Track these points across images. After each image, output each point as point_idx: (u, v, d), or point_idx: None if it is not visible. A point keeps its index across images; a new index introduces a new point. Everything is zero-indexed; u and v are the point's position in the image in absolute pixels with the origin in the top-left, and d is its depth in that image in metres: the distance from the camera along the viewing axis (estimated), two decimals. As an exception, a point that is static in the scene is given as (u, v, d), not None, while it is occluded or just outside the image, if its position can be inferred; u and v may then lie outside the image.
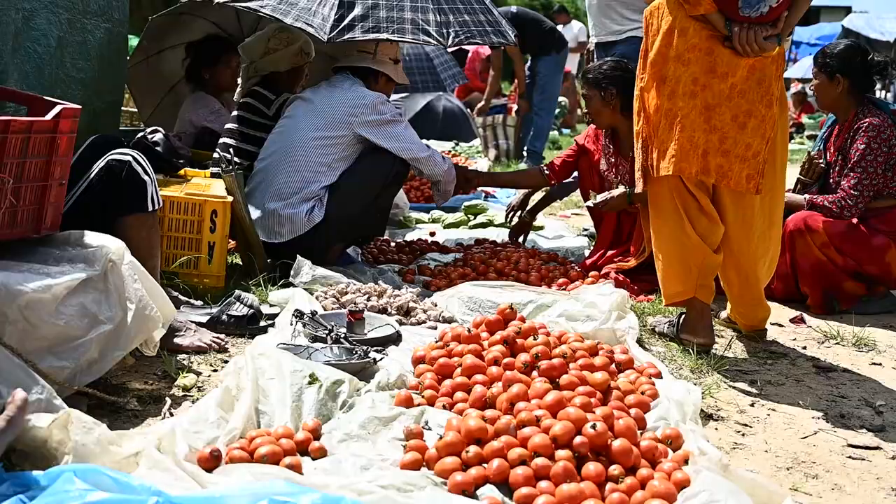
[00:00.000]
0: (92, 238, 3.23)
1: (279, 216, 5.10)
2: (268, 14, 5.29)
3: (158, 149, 4.92)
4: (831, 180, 5.52)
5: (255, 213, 5.12)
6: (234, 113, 5.88)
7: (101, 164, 3.70)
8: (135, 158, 3.72)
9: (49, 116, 3.07)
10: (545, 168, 6.13)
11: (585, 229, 7.33)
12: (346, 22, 5.14)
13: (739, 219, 4.21)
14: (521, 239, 6.35)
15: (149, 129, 4.92)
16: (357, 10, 5.19)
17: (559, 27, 13.83)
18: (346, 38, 5.14)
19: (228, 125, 5.88)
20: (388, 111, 5.27)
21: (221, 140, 5.80)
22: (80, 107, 3.23)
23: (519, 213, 6.46)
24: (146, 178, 3.73)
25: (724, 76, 4.00)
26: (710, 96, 4.01)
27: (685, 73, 4.01)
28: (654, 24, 4.12)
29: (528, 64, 11.69)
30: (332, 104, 5.22)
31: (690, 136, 4.02)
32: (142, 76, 6.68)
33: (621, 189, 5.46)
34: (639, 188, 4.27)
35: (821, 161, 5.60)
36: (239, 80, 6.08)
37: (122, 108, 6.07)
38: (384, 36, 5.16)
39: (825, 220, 5.25)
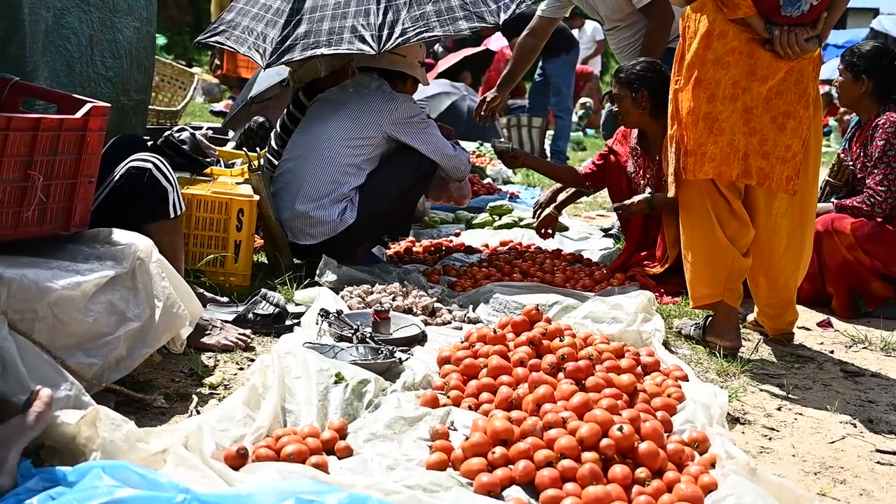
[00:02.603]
0: (120, 236, 3.24)
1: (311, 218, 5.08)
2: (230, 46, 5.43)
3: (185, 147, 4.94)
4: (857, 180, 5.52)
5: (283, 215, 5.12)
6: (281, 121, 5.94)
7: (122, 169, 3.70)
8: (155, 165, 3.71)
9: (79, 114, 3.09)
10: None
11: (604, 229, 7.30)
12: (287, 43, 5.14)
13: (772, 221, 4.19)
14: (548, 231, 6.28)
15: (175, 128, 4.93)
16: (302, 28, 5.17)
17: (574, 31, 13.79)
18: (284, 59, 5.17)
19: (276, 129, 5.94)
20: (417, 112, 5.26)
21: (273, 143, 5.88)
22: (109, 105, 3.24)
23: (546, 210, 6.45)
24: (167, 185, 3.72)
25: (764, 79, 3.98)
26: (749, 99, 4.00)
27: (725, 76, 3.99)
28: (691, 26, 4.09)
29: (540, 64, 11.68)
30: (360, 105, 5.21)
31: (731, 139, 4.01)
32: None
33: (643, 195, 5.44)
34: (671, 192, 4.24)
35: (850, 162, 5.59)
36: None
37: (150, 107, 6.10)
38: (321, 51, 5.08)
39: (853, 221, 5.23)
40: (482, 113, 6.82)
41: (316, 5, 5.20)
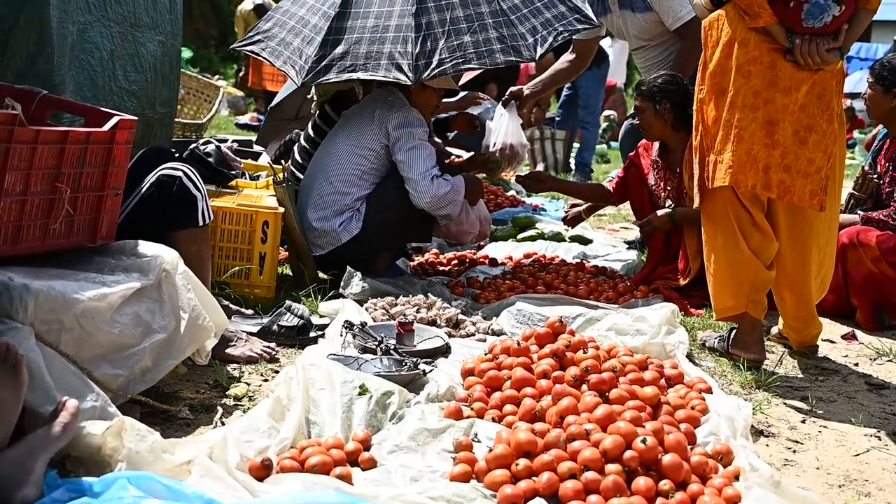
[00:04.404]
0: (146, 248, 3.27)
1: (315, 230, 5.14)
2: (265, 58, 5.42)
3: (210, 160, 4.97)
4: (882, 192, 5.49)
5: (301, 227, 5.16)
6: (305, 131, 5.94)
7: (152, 178, 3.73)
8: (185, 174, 3.75)
9: (106, 127, 3.12)
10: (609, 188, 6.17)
11: (628, 242, 7.28)
12: (324, 63, 5.10)
13: (795, 235, 4.17)
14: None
15: (201, 141, 4.96)
16: (339, 49, 5.13)
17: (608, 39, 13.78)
18: (321, 80, 5.15)
19: (300, 142, 5.95)
20: (408, 127, 5.16)
21: (296, 153, 5.89)
22: (136, 118, 3.27)
23: (577, 209, 6.56)
24: (197, 193, 3.76)
25: (788, 90, 3.97)
26: (774, 111, 3.98)
27: (745, 85, 3.98)
28: (714, 35, 4.09)
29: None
30: (364, 117, 5.23)
31: (749, 148, 3.99)
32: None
33: (664, 210, 5.45)
34: (696, 203, 4.23)
35: (874, 176, 5.56)
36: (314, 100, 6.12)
37: (175, 120, 6.13)
38: (358, 75, 5.04)
39: (878, 234, 5.20)
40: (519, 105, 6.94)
41: (354, 26, 5.18)
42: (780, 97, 3.97)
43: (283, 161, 6.02)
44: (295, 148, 6.03)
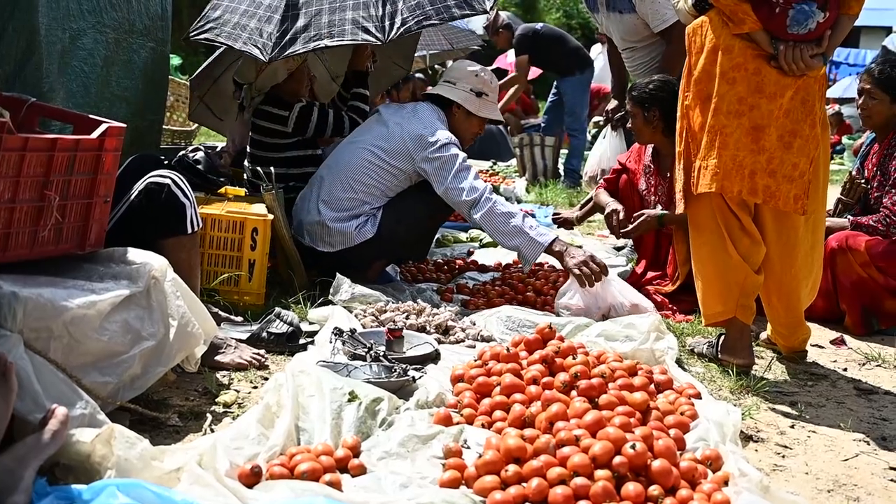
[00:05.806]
0: (135, 255, 3.26)
1: (328, 228, 5.14)
2: (222, 42, 5.44)
3: (200, 167, 4.97)
4: (871, 197, 5.51)
5: (306, 218, 5.21)
6: (250, 136, 5.89)
7: (140, 185, 3.72)
8: (174, 181, 3.74)
9: (95, 135, 3.11)
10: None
11: (617, 248, 7.30)
12: (288, 37, 5.21)
13: (782, 240, 4.18)
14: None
15: (190, 148, 4.96)
16: (300, 22, 5.26)
17: (598, 46, 13.85)
18: (287, 53, 5.20)
19: (249, 149, 5.89)
20: (445, 152, 5.12)
21: (247, 163, 5.83)
22: (125, 125, 3.26)
23: (567, 214, 6.55)
24: (185, 200, 3.75)
25: (773, 96, 3.98)
26: (759, 117, 3.99)
27: (729, 91, 3.99)
28: (698, 41, 4.10)
29: (555, 83, 11.76)
30: (401, 132, 5.21)
31: (734, 154, 4.00)
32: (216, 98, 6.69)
33: (654, 211, 5.45)
34: (679, 209, 4.24)
35: (862, 181, 5.58)
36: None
37: (164, 127, 6.12)
38: (324, 43, 5.16)
39: (867, 239, 5.22)
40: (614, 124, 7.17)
41: (310, 0, 5.31)
42: (765, 103, 3.98)
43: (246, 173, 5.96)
44: (246, 157, 5.95)
